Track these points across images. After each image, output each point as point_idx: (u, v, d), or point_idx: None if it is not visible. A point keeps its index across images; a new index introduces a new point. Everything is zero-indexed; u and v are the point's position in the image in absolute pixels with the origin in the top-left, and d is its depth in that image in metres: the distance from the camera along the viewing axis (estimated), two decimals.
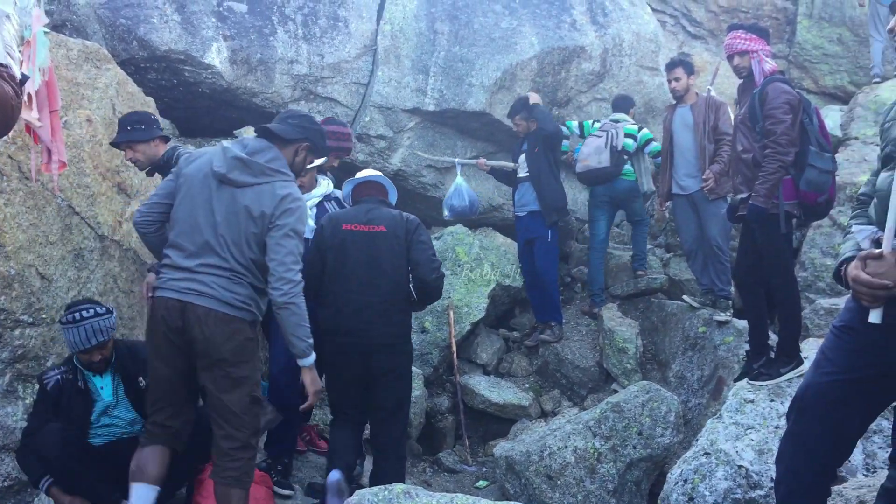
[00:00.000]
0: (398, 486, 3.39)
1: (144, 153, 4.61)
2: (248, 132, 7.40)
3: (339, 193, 5.04)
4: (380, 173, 4.83)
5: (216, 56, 7.40)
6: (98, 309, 4.02)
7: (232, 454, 3.47)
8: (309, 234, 4.51)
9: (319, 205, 4.93)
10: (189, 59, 7.33)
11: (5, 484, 4.26)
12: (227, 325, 3.43)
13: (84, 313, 3.95)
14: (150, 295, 4.89)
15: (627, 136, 7.46)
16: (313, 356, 3.60)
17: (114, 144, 4.71)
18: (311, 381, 3.64)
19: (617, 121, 7.61)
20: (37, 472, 3.90)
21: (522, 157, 7.20)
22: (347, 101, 8.13)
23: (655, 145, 7.41)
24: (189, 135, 7.76)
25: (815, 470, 2.76)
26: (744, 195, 4.71)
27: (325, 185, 5.02)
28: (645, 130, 7.65)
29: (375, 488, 3.41)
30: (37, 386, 4.13)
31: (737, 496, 3.95)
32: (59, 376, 4.05)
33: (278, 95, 7.75)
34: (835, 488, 3.35)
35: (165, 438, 3.60)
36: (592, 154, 7.39)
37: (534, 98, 7.23)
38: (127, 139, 4.60)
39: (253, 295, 3.53)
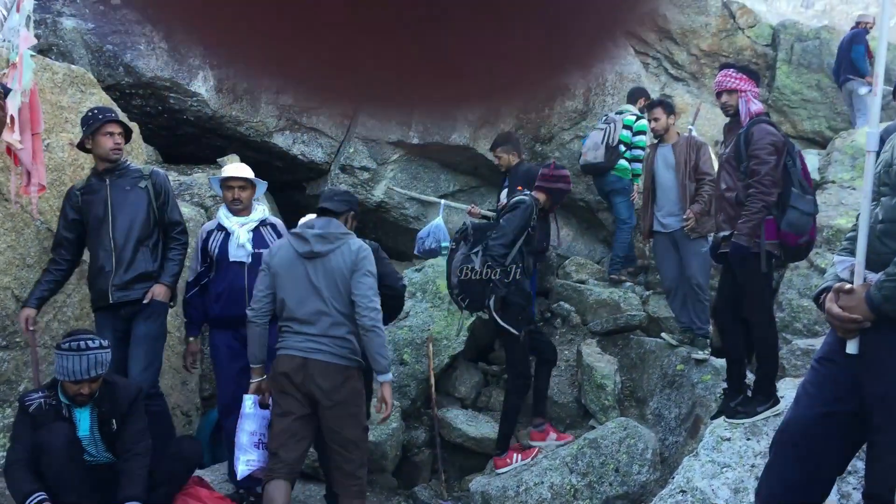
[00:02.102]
0: None
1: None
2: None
3: (274, 220, 5.32)
4: None
5: (202, 84, 7.42)
6: (102, 342, 4.00)
7: (354, 473, 4.19)
8: (245, 258, 4.94)
9: (255, 230, 5.07)
10: (175, 87, 7.34)
11: None
12: (342, 373, 4.18)
13: (90, 343, 3.91)
14: (30, 329, 4.55)
15: (625, 127, 7.89)
16: (391, 374, 4.33)
17: (107, 121, 4.61)
18: (390, 394, 4.32)
19: (621, 112, 8.07)
20: (26, 487, 3.77)
21: (504, 193, 7.21)
22: (332, 131, 8.15)
23: (642, 139, 7.94)
24: (173, 161, 7.74)
25: (791, 502, 2.78)
26: (726, 233, 4.75)
27: (260, 211, 5.20)
28: (641, 121, 7.94)
29: None
30: (7, 410, 4.05)
31: None
32: (41, 399, 3.96)
33: (263, 125, 7.77)
34: None
35: (286, 472, 4.14)
36: (591, 149, 8.01)
37: None
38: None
39: (357, 347, 4.23)
